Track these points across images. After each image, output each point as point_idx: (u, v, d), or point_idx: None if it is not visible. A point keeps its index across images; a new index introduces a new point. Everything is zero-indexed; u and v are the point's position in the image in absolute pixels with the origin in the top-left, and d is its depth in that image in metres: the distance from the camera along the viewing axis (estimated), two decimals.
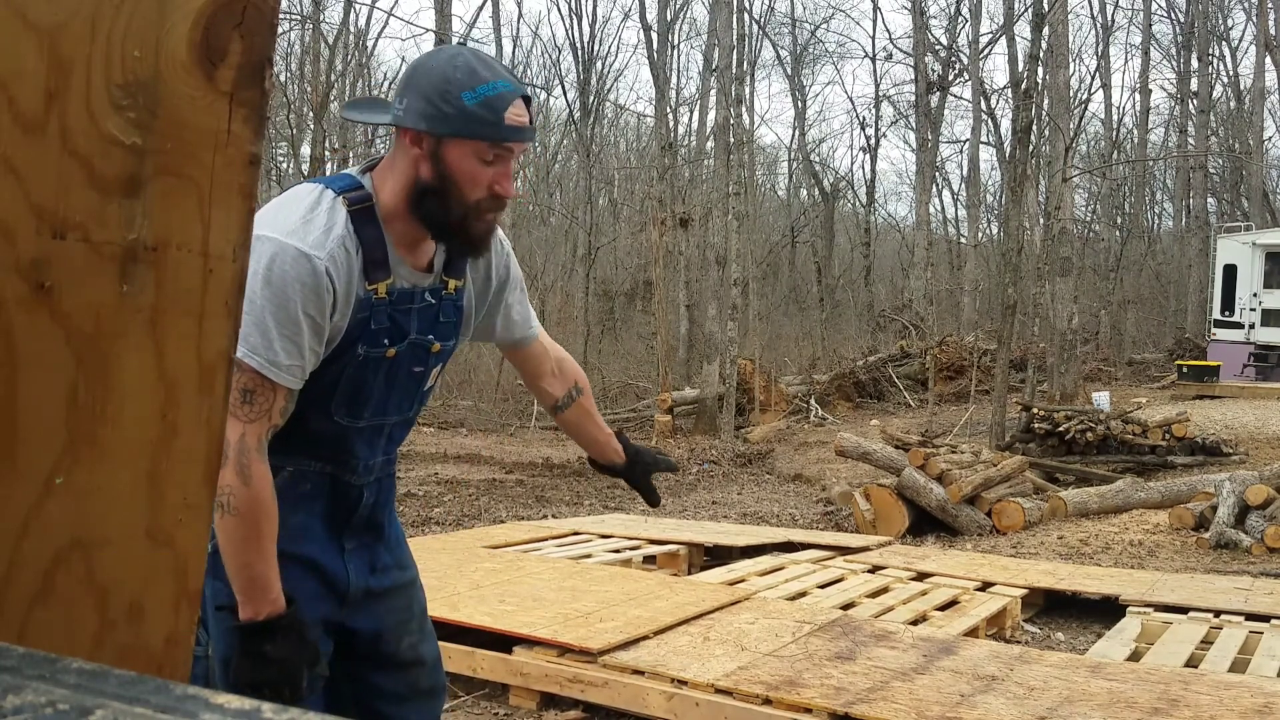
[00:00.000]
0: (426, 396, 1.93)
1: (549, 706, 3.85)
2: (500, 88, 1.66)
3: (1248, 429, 11.68)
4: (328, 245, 1.66)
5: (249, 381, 1.63)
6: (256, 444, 1.64)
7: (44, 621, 0.72)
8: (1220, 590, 5.45)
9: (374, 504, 1.89)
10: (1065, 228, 15.16)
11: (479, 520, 8.22)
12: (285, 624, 1.69)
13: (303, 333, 1.65)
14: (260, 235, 1.62)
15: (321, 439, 1.76)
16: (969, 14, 26.66)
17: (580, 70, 24.95)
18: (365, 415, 1.80)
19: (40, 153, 0.68)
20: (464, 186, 1.69)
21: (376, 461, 1.87)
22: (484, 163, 1.68)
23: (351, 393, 1.76)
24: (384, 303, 1.74)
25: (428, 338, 1.82)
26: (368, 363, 1.75)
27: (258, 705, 0.50)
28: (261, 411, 1.65)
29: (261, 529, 1.65)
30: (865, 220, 29.09)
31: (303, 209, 1.68)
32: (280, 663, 1.67)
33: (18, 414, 0.69)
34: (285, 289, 1.62)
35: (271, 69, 0.78)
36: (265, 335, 1.62)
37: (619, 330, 23.76)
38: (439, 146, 1.67)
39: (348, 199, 1.71)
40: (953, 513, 7.87)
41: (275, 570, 1.68)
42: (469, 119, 1.65)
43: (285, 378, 1.65)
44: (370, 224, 1.71)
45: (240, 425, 1.63)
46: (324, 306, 1.66)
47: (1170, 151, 28.00)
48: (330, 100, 18.06)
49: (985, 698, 3.47)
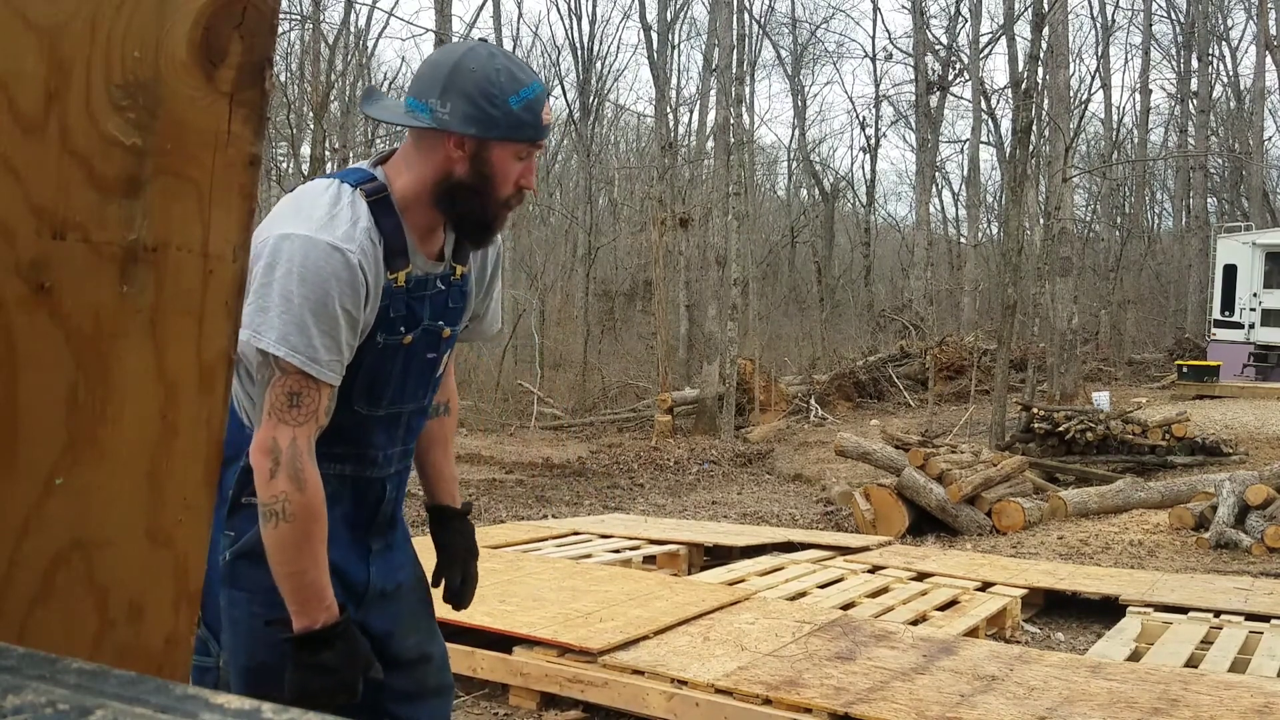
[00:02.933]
0: (439, 384, 1.94)
1: (549, 706, 3.85)
2: (536, 89, 1.71)
3: (1248, 429, 11.68)
4: (357, 238, 1.66)
5: (294, 384, 1.62)
6: (307, 447, 1.63)
7: (44, 621, 0.72)
8: (1220, 590, 5.45)
9: (395, 499, 1.89)
10: (1065, 228, 15.16)
11: (479, 520, 8.22)
12: (341, 630, 1.67)
13: (340, 328, 1.64)
14: (288, 234, 1.62)
15: (341, 432, 1.75)
16: (969, 14, 26.67)
17: (580, 70, 24.96)
18: (384, 404, 1.80)
19: (40, 153, 0.68)
20: (500, 185, 1.73)
21: (395, 452, 1.86)
22: (518, 160, 1.73)
23: (370, 381, 1.76)
24: (401, 291, 1.74)
25: (439, 324, 1.83)
26: (386, 350, 1.75)
27: (258, 705, 0.50)
28: (309, 413, 1.63)
29: (314, 534, 1.64)
30: (865, 220, 29.09)
31: (325, 204, 1.68)
32: (337, 671, 1.66)
33: (18, 414, 0.69)
34: (323, 285, 1.61)
35: (271, 69, 0.78)
36: (305, 333, 1.61)
37: (619, 330, 23.75)
38: (481, 149, 1.70)
39: (365, 191, 1.72)
40: (953, 513, 7.87)
41: (328, 576, 1.67)
42: (515, 123, 1.68)
43: (328, 374, 1.64)
44: (389, 214, 1.73)
45: (290, 430, 1.61)
46: (359, 300, 1.66)
47: (1170, 151, 28.00)
48: (330, 100, 18.06)
49: (985, 698, 3.47)
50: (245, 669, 1.74)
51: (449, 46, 1.81)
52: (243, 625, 1.74)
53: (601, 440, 14.07)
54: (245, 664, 1.74)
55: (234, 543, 1.73)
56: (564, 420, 15.80)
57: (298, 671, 1.66)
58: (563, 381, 18.54)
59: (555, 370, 19.33)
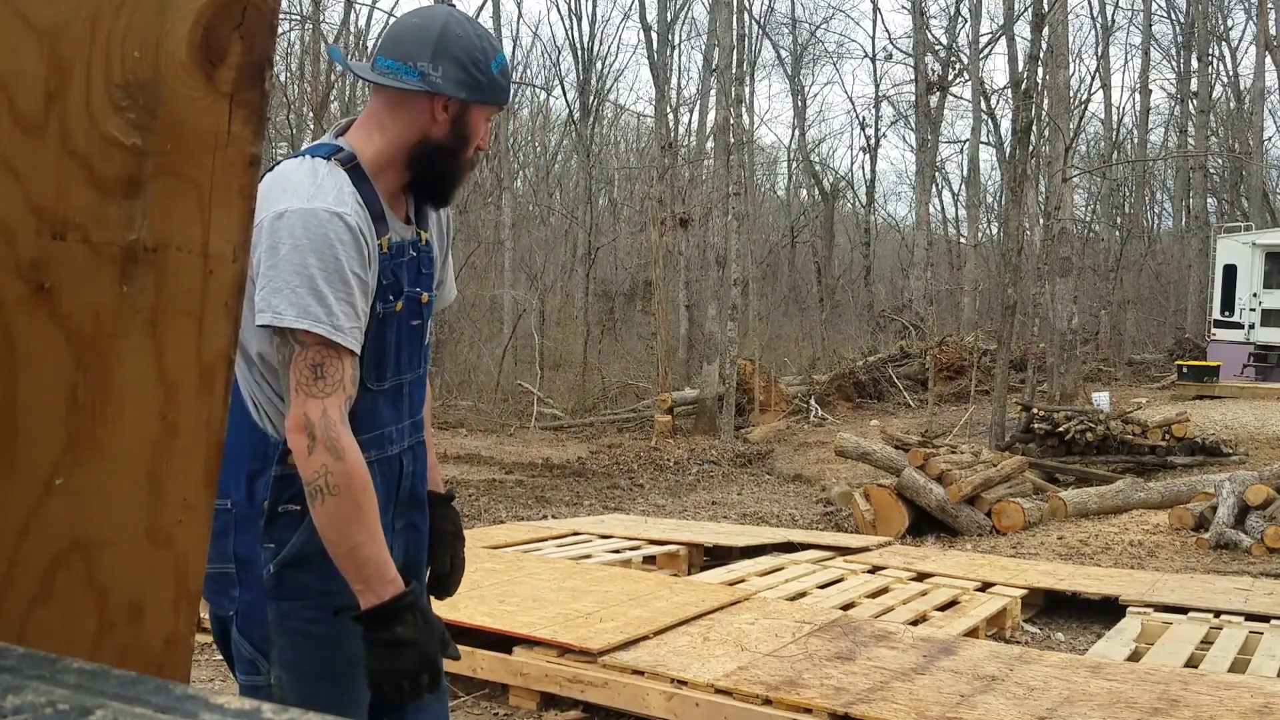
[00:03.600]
0: (429, 352, 1.94)
1: (549, 706, 3.85)
2: (503, 57, 1.81)
3: (1248, 429, 11.68)
4: (347, 202, 1.67)
5: (316, 355, 1.61)
6: (339, 417, 1.61)
7: (44, 621, 0.72)
8: (1220, 590, 5.45)
9: (414, 473, 1.87)
10: (1065, 228, 15.16)
11: (479, 520, 8.21)
12: (410, 602, 1.65)
13: (354, 293, 1.64)
14: (282, 210, 1.62)
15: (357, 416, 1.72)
16: (969, 14, 26.67)
17: (580, 70, 24.95)
18: (388, 376, 1.79)
19: (40, 153, 0.68)
20: (472, 146, 1.80)
21: (405, 426, 1.85)
22: (485, 122, 1.81)
23: (376, 354, 1.75)
24: (386, 257, 1.75)
25: (416, 290, 1.83)
26: (386, 320, 1.75)
27: (258, 705, 0.50)
28: (335, 384, 1.62)
29: (363, 504, 1.61)
30: (865, 220, 29.08)
31: (306, 177, 1.68)
32: (415, 645, 1.64)
33: (18, 414, 0.69)
34: (332, 249, 1.62)
35: (271, 70, 0.78)
36: (323, 302, 1.60)
37: (619, 330, 23.75)
38: (463, 111, 1.75)
39: (340, 160, 1.72)
40: (953, 513, 7.87)
41: (385, 548, 1.65)
42: (495, 88, 1.77)
43: (349, 340, 1.64)
44: (363, 181, 1.73)
45: (319, 403, 1.60)
46: (364, 261, 1.67)
47: (1170, 151, 28.00)
48: (330, 100, 18.06)
49: (985, 698, 3.47)
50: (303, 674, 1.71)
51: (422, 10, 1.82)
52: (298, 634, 1.71)
53: (601, 440, 14.07)
54: (304, 669, 1.71)
55: (276, 554, 1.70)
56: (564, 421, 15.80)
57: (374, 652, 1.64)
58: (563, 382, 18.54)
59: (555, 370, 19.32)
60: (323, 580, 1.67)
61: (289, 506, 1.69)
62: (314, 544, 1.66)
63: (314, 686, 1.72)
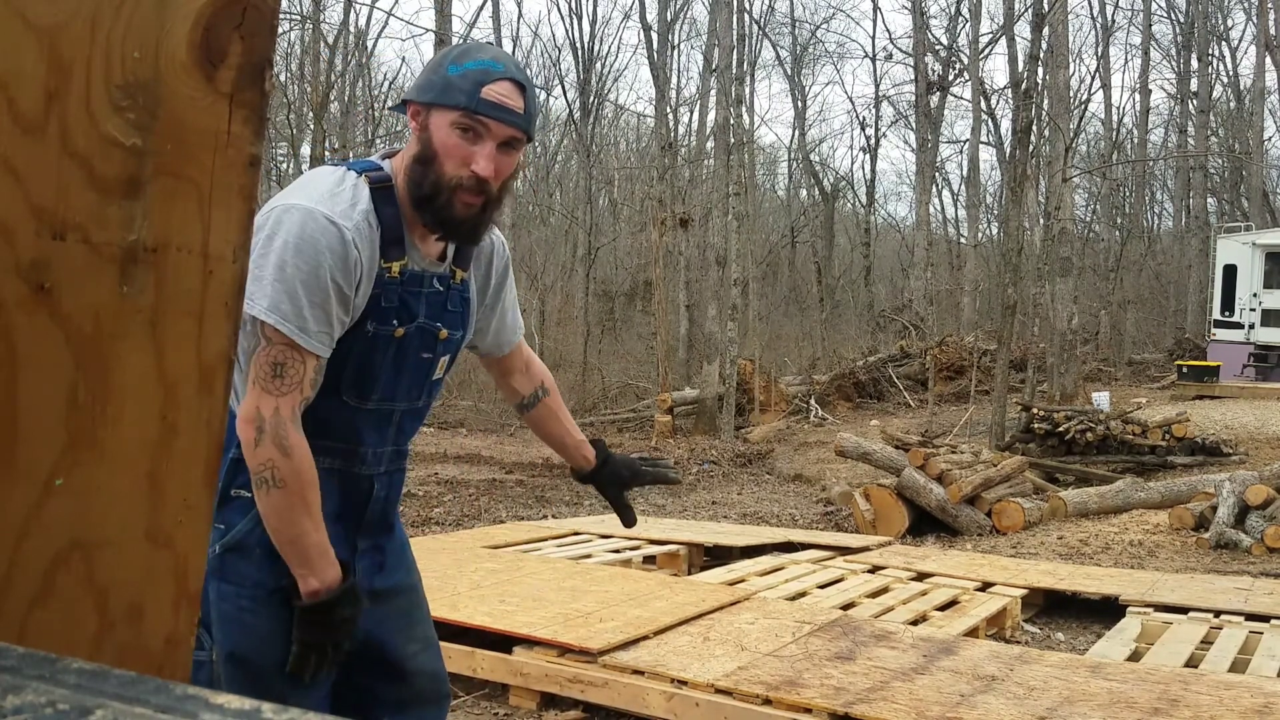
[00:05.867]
0: (436, 388, 1.93)
1: (549, 706, 3.85)
2: (487, 65, 1.71)
3: (1248, 429, 11.68)
4: (354, 217, 1.70)
5: (279, 354, 1.65)
6: (291, 415, 1.66)
7: (44, 622, 0.72)
8: (1220, 590, 5.45)
9: (385, 499, 1.89)
10: (1065, 228, 15.16)
11: (479, 520, 8.22)
12: (350, 585, 1.72)
13: (331, 300, 1.67)
14: (289, 205, 1.66)
15: (330, 425, 1.76)
16: (969, 14, 26.65)
17: (580, 70, 24.96)
18: (373, 397, 1.80)
19: (40, 153, 0.68)
20: (444, 159, 1.71)
21: (385, 451, 1.87)
22: (463, 136, 1.70)
23: (359, 371, 1.77)
24: (395, 282, 1.76)
25: (435, 324, 1.84)
26: (376, 341, 1.77)
27: (258, 705, 0.50)
28: (293, 384, 1.66)
29: (308, 498, 1.66)
30: (865, 220, 29.09)
31: (329, 184, 1.73)
32: (346, 622, 1.71)
33: (18, 415, 0.70)
34: (316, 255, 1.65)
35: (271, 70, 0.78)
36: (295, 302, 1.64)
37: (619, 330, 23.76)
38: (428, 116, 1.73)
39: (370, 178, 1.75)
40: (953, 513, 7.87)
41: (327, 537, 1.70)
42: (447, 86, 1.70)
43: (315, 344, 1.67)
44: (389, 204, 1.76)
45: (273, 400, 1.64)
46: (350, 276, 1.69)
47: (1170, 151, 28.00)
48: (330, 100, 18.06)
49: (985, 698, 3.47)
50: (230, 657, 1.76)
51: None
52: (231, 618, 1.75)
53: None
54: (230, 652, 1.76)
55: (223, 535, 1.74)
56: None
57: (309, 626, 1.70)
58: (563, 381, 18.51)
59: (555, 370, 19.27)
60: (261, 572, 1.72)
61: (240, 492, 1.73)
62: (258, 534, 1.71)
63: (238, 668, 1.75)
